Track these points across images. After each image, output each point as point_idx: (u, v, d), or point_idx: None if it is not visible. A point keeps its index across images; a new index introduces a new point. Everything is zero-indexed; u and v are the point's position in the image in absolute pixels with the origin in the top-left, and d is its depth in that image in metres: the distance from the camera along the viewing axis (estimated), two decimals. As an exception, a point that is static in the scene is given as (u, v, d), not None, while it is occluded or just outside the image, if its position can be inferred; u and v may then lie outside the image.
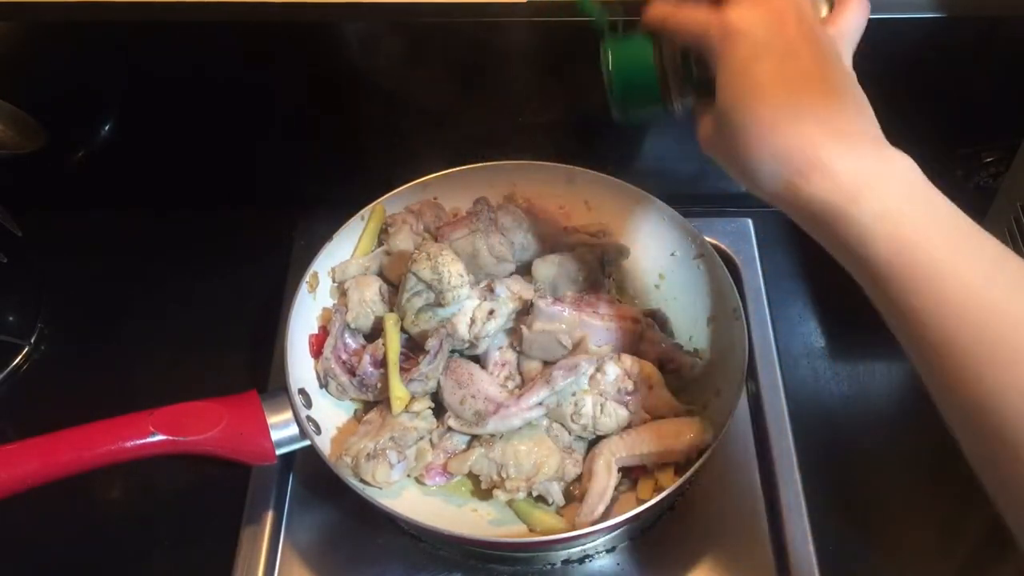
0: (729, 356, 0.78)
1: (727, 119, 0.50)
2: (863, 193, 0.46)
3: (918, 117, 0.90)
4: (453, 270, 0.74)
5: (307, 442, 0.72)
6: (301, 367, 0.78)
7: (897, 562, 0.76)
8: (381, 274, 0.84)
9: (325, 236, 0.83)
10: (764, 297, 0.90)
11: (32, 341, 0.91)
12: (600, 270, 0.82)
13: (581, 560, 0.76)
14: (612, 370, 0.74)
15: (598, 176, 0.87)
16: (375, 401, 0.78)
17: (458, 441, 0.76)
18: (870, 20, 0.80)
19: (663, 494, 0.69)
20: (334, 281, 0.84)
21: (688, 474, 0.69)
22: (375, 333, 0.81)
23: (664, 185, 0.87)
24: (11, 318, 0.93)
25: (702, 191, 0.97)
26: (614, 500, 0.73)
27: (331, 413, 0.79)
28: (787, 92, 0.48)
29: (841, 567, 0.74)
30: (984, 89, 0.87)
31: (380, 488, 0.73)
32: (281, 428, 0.71)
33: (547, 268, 0.80)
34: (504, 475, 0.73)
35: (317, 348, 0.80)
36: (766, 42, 0.49)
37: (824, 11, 0.55)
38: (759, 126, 0.48)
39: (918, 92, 0.87)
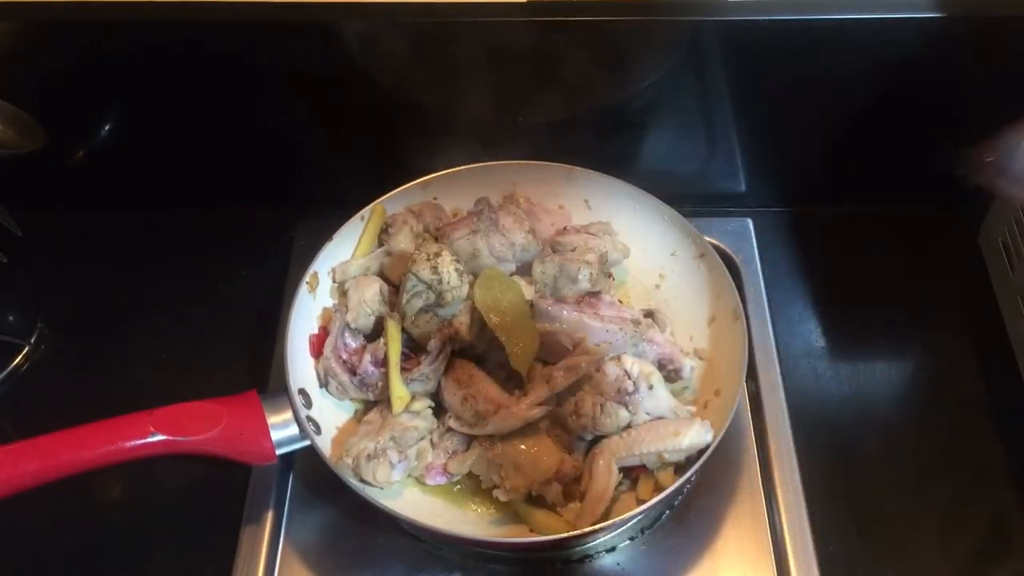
0: (729, 356, 0.78)
1: None
2: None
3: (918, 116, 0.90)
4: (453, 271, 0.74)
5: (307, 442, 0.72)
6: (301, 367, 0.78)
7: (897, 562, 0.76)
8: (381, 274, 0.84)
9: (325, 236, 0.83)
10: (764, 297, 0.90)
11: (32, 341, 0.91)
12: (600, 270, 0.82)
13: (581, 560, 0.76)
14: (612, 370, 0.74)
15: (598, 176, 0.87)
16: (375, 401, 0.78)
17: (458, 441, 0.76)
18: (870, 20, 0.81)
19: (663, 494, 0.69)
20: (334, 281, 0.84)
21: (688, 474, 0.69)
22: (375, 333, 0.81)
23: (664, 185, 0.87)
24: (11, 318, 0.93)
25: (702, 191, 0.97)
26: (614, 500, 0.73)
27: (331, 413, 0.79)
28: None
29: (841, 567, 0.74)
30: (984, 89, 0.87)
31: (380, 488, 0.73)
32: (281, 428, 0.72)
33: (547, 268, 0.80)
34: (504, 475, 0.73)
35: (317, 348, 0.80)
36: None
37: None
38: None
39: (918, 92, 0.87)
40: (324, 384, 0.79)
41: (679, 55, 0.84)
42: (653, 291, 0.88)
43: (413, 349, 0.78)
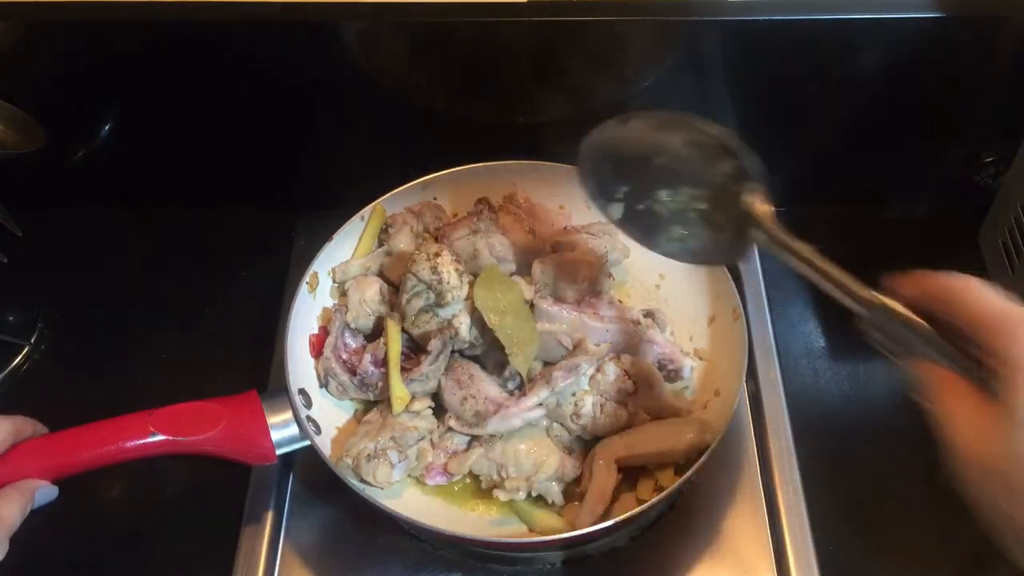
0: (729, 356, 0.78)
1: None
2: None
3: (919, 117, 0.90)
4: (453, 271, 0.74)
5: (307, 442, 0.72)
6: (301, 367, 0.78)
7: (896, 562, 0.76)
8: (381, 274, 0.84)
9: (325, 236, 0.83)
10: (764, 297, 0.90)
11: (32, 341, 0.91)
12: (600, 270, 0.81)
13: (581, 560, 0.76)
14: (612, 370, 0.74)
15: (598, 176, 0.87)
16: (375, 401, 0.78)
17: (458, 441, 0.76)
18: (871, 20, 0.81)
19: (663, 494, 0.69)
20: (334, 281, 0.84)
21: (688, 474, 0.69)
22: (375, 333, 0.81)
23: (664, 185, 0.87)
24: (11, 318, 0.93)
25: (702, 191, 0.97)
26: (614, 500, 0.73)
27: (331, 413, 0.79)
28: None
29: (841, 567, 0.74)
30: (984, 89, 0.87)
31: (380, 488, 0.73)
32: (281, 428, 0.71)
33: (547, 268, 0.80)
34: (504, 475, 0.73)
35: (317, 348, 0.80)
36: None
37: None
38: None
39: (919, 92, 0.87)
40: (324, 384, 0.79)
41: (679, 55, 0.84)
42: (653, 291, 0.88)
43: (413, 349, 0.78)
